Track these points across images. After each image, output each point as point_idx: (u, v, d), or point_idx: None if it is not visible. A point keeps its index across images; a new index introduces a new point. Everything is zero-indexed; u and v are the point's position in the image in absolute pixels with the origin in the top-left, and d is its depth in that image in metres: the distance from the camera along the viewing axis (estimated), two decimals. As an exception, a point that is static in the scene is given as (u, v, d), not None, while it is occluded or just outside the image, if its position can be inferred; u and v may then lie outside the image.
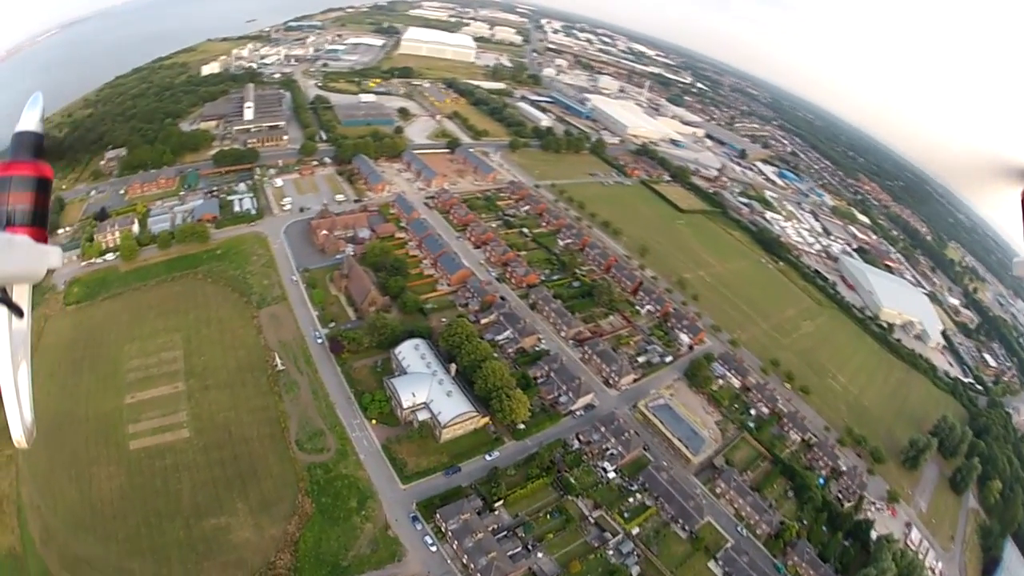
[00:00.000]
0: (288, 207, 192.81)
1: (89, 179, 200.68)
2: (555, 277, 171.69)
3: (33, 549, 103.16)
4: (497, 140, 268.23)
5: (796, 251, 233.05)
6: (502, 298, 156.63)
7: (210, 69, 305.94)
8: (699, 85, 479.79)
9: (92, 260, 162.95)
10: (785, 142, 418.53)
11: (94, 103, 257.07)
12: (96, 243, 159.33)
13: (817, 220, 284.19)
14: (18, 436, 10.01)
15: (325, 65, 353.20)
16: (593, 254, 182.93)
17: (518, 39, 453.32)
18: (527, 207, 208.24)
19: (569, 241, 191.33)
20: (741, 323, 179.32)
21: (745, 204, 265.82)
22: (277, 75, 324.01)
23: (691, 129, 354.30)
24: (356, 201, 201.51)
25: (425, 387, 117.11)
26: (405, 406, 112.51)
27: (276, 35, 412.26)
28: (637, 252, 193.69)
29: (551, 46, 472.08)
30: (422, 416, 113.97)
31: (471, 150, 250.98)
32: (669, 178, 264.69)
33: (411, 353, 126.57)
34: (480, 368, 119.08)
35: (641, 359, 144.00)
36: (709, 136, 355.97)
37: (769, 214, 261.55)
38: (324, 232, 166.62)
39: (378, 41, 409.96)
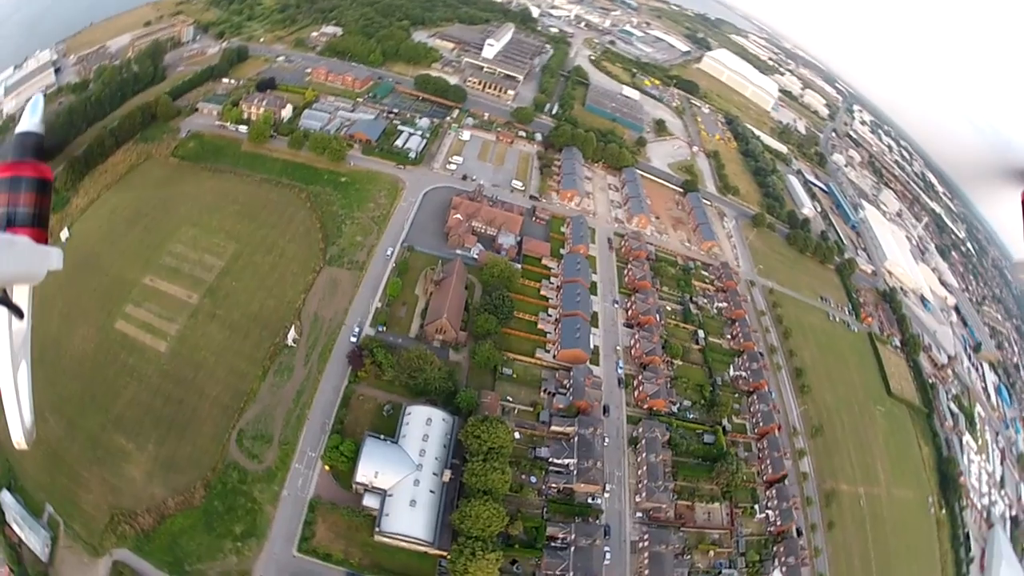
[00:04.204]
0: (453, 167, 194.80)
1: (290, 44, 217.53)
2: (690, 416, 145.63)
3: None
4: (743, 205, 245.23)
5: (967, 499, 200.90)
6: (605, 409, 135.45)
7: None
8: (968, 245, 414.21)
9: (225, 124, 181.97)
10: (1016, 348, 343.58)
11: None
12: (237, 110, 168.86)
13: (1001, 464, 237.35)
14: (18, 438, 11.36)
15: (612, 43, 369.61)
16: (757, 408, 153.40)
17: (824, 111, 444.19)
18: (724, 304, 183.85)
19: (741, 375, 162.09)
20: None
21: (953, 414, 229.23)
22: (554, 29, 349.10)
23: (944, 293, 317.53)
24: (531, 197, 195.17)
25: (396, 474, 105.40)
26: (357, 479, 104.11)
27: None
28: (809, 430, 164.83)
29: (852, 134, 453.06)
30: (368, 501, 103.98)
31: (706, 202, 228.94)
32: (899, 343, 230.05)
33: (417, 424, 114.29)
34: (472, 504, 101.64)
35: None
36: (957, 309, 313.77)
37: (967, 437, 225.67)
38: (458, 216, 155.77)
39: (682, 46, 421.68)
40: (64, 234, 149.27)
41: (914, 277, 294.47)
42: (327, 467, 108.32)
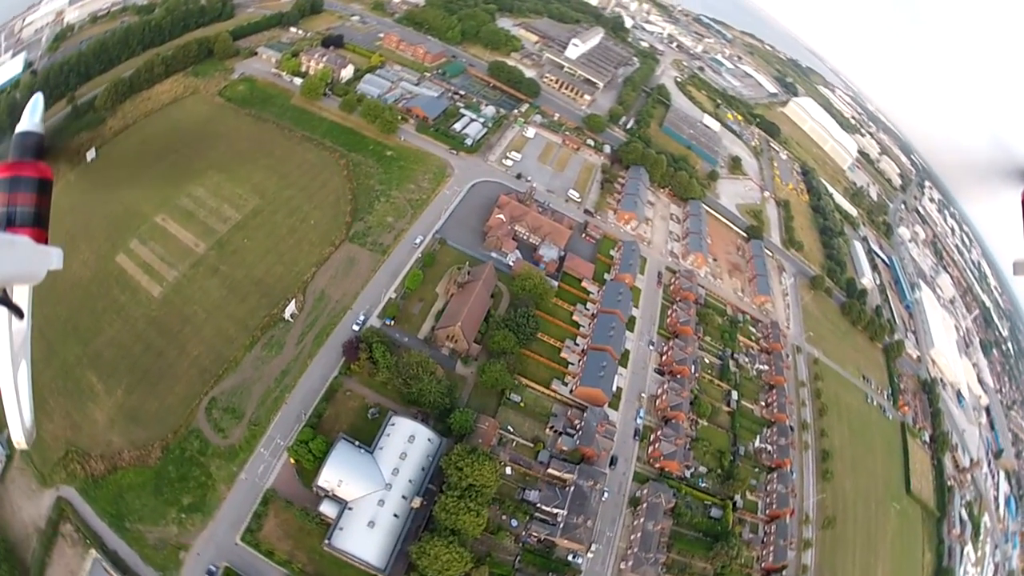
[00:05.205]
0: (509, 163, 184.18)
1: (368, 6, 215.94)
2: (702, 484, 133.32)
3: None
4: (804, 263, 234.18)
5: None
6: (613, 461, 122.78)
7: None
8: (1009, 344, 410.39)
9: (281, 73, 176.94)
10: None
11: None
12: (296, 61, 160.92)
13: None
14: (18, 438, 11.84)
15: (701, 69, 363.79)
16: (775, 488, 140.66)
17: (897, 181, 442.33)
18: (765, 366, 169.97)
19: (766, 449, 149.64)
20: None
21: (962, 521, 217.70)
22: (644, 43, 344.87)
23: (980, 391, 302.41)
24: (586, 212, 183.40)
25: (361, 488, 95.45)
26: (319, 482, 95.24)
27: (679, 15, 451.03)
28: (821, 520, 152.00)
29: (920, 209, 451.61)
30: (326, 508, 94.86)
31: (767, 252, 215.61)
32: (928, 438, 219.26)
33: (399, 438, 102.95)
34: (434, 542, 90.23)
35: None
36: (988, 410, 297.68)
37: (969, 547, 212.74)
38: (501, 217, 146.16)
39: (770, 87, 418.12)
40: (91, 154, 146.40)
41: (955, 370, 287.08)
42: (292, 460, 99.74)
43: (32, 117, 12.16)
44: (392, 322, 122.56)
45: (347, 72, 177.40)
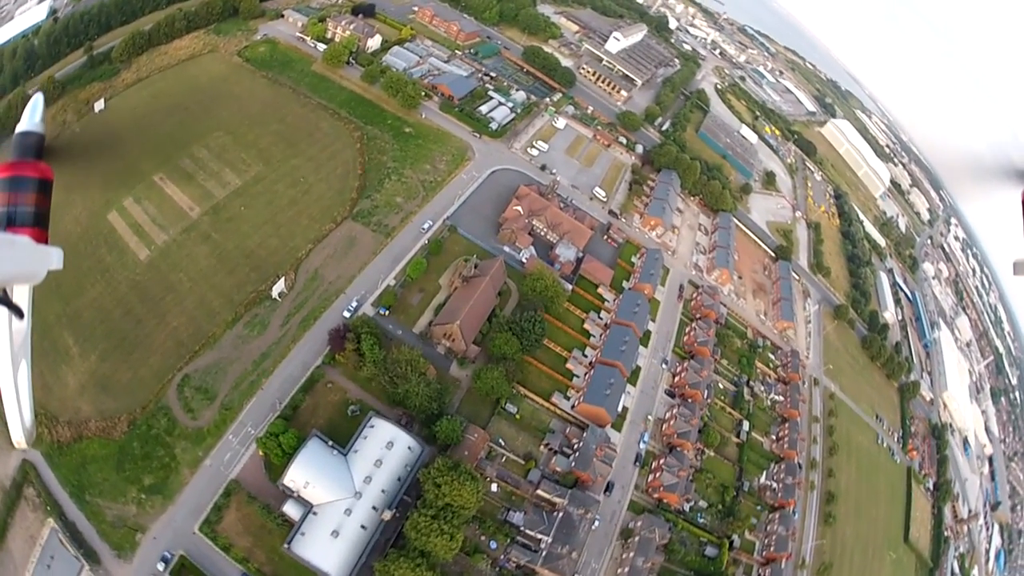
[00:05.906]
0: (535, 153, 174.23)
1: None
2: (701, 520, 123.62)
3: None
4: (830, 291, 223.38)
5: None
6: (608, 487, 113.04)
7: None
8: (1017, 393, 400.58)
9: (305, 38, 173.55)
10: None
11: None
12: (322, 26, 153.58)
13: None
14: (18, 437, 12.30)
15: (742, 78, 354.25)
16: (775, 529, 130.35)
17: (926, 215, 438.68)
18: (780, 397, 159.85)
19: (771, 486, 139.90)
20: None
21: (953, 574, 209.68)
22: (687, 46, 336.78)
23: (985, 440, 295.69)
24: (610, 212, 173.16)
25: (328, 492, 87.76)
26: (285, 480, 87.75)
27: (724, 23, 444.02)
28: (817, 567, 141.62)
29: (945, 247, 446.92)
30: (289, 509, 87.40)
31: (794, 276, 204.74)
32: (932, 486, 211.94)
33: (376, 442, 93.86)
34: (400, 562, 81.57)
35: None
36: (991, 460, 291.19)
37: None
38: (519, 209, 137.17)
39: (809, 105, 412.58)
40: (99, 105, 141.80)
41: (964, 416, 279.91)
42: (261, 452, 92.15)
43: (32, 117, 12.21)
44: (387, 312, 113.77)
45: (374, 42, 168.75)
